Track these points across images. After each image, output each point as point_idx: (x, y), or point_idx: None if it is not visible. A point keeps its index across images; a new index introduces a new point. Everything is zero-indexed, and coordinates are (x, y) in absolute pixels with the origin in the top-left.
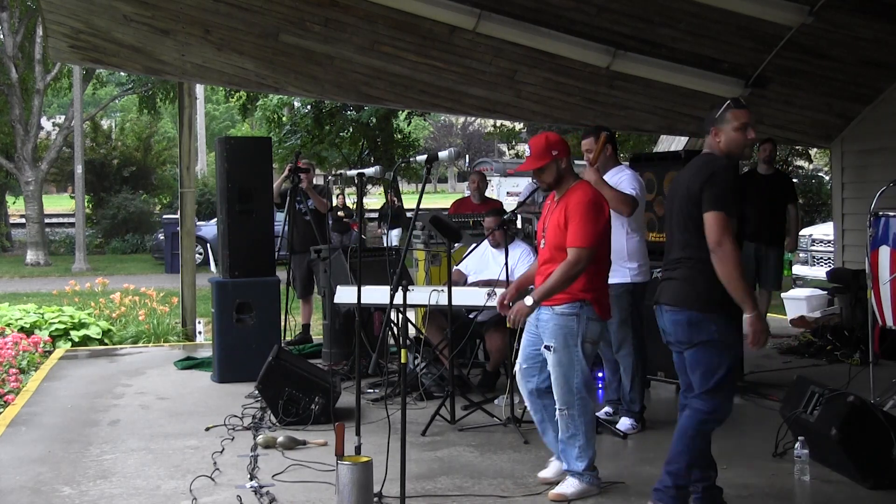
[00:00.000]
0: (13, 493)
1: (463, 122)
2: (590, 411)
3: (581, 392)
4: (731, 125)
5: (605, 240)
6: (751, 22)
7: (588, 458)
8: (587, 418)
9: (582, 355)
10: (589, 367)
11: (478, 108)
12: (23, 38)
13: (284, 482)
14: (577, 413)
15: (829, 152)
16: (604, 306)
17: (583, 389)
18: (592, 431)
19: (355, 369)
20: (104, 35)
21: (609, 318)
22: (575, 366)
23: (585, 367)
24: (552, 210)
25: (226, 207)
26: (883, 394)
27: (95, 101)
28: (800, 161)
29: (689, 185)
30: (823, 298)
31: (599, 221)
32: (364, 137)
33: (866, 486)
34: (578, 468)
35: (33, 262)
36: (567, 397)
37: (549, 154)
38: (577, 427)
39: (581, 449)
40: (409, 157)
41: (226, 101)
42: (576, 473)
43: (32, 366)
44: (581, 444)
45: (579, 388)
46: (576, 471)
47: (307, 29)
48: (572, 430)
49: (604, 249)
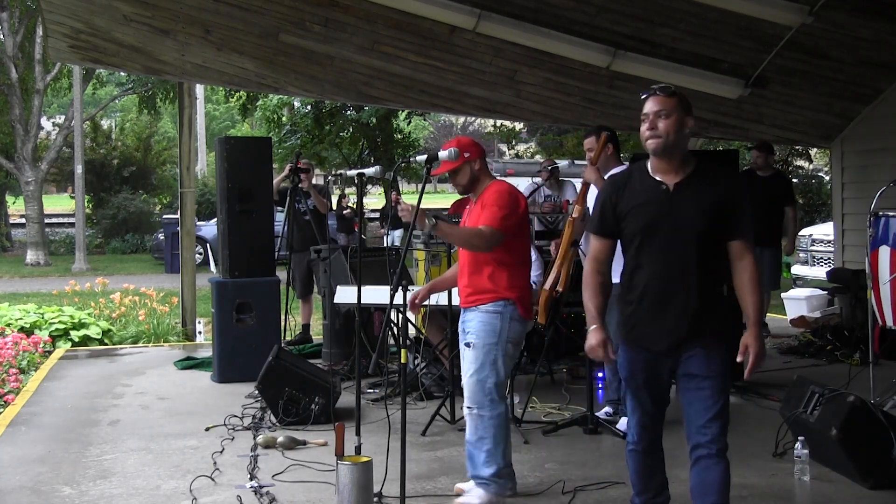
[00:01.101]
0: (13, 493)
1: (463, 122)
2: (500, 415)
3: (493, 394)
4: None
5: (519, 234)
6: (751, 22)
7: (497, 464)
8: (497, 422)
9: (501, 355)
10: (507, 371)
11: (478, 108)
12: (23, 38)
13: (284, 482)
14: (486, 414)
15: (829, 152)
16: (527, 307)
17: (495, 391)
18: (503, 437)
19: (355, 369)
20: (104, 35)
21: (532, 319)
22: (492, 365)
23: (502, 370)
24: (470, 212)
25: (226, 207)
26: (883, 394)
27: (95, 101)
28: (800, 161)
29: None
30: (823, 298)
31: (513, 213)
32: (364, 137)
33: (866, 486)
34: (484, 474)
35: (33, 262)
36: (478, 396)
37: (461, 156)
38: (485, 430)
39: (489, 454)
40: (409, 157)
41: (226, 101)
42: (482, 480)
43: (32, 366)
44: (489, 449)
45: (492, 390)
46: (481, 477)
47: (307, 29)
48: (480, 433)
49: (523, 249)
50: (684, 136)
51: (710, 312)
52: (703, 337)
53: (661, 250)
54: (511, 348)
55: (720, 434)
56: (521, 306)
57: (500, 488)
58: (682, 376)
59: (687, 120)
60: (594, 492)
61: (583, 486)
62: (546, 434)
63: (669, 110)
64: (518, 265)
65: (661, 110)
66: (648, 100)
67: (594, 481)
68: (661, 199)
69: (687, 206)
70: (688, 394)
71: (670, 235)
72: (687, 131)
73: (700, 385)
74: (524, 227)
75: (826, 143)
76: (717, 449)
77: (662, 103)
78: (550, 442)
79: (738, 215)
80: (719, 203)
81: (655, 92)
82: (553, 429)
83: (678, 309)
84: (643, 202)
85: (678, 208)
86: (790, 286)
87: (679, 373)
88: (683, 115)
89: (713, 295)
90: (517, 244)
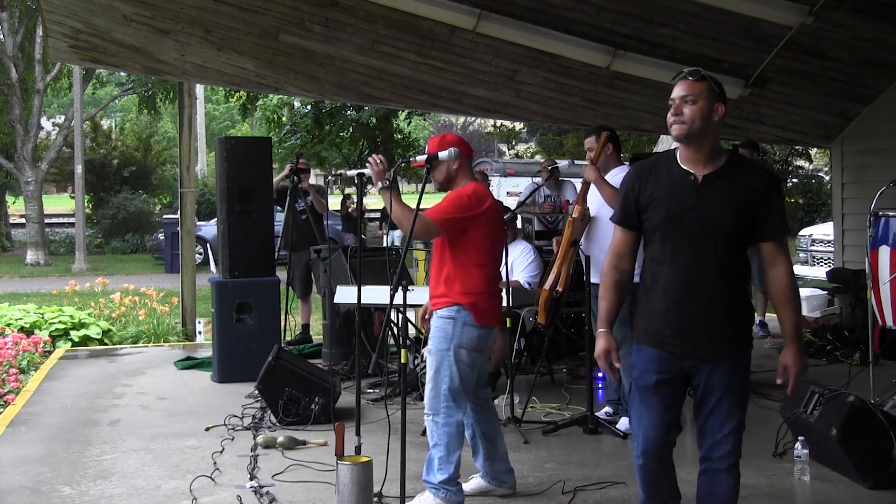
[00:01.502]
0: (13, 493)
1: (463, 122)
2: (454, 423)
3: (448, 400)
4: None
5: (476, 236)
6: (751, 22)
7: (448, 471)
8: (451, 429)
9: (454, 360)
10: (467, 377)
11: (478, 108)
12: (23, 38)
13: (284, 482)
14: (440, 421)
15: (829, 152)
16: (483, 312)
17: (449, 397)
18: (456, 444)
19: (355, 369)
20: (104, 35)
21: (495, 325)
22: (445, 371)
23: (456, 375)
24: None
25: (226, 207)
26: (883, 394)
27: (95, 101)
28: (800, 161)
29: None
30: (823, 298)
31: (461, 214)
32: (364, 137)
33: (866, 486)
34: (434, 480)
35: (33, 262)
36: (433, 403)
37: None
38: (439, 436)
39: (441, 460)
40: (409, 157)
41: (226, 101)
42: (432, 486)
43: (32, 366)
44: (441, 456)
45: (446, 396)
46: (431, 483)
47: (307, 29)
48: (435, 439)
49: (483, 252)
50: (713, 123)
51: (735, 319)
52: (727, 345)
53: (685, 246)
54: (466, 354)
55: (734, 449)
56: (475, 311)
57: (449, 495)
58: (699, 387)
59: (718, 107)
60: (594, 492)
61: (583, 486)
62: (546, 434)
63: (697, 95)
64: (476, 268)
65: (688, 95)
66: (676, 84)
67: (594, 481)
68: (687, 191)
69: (716, 200)
70: (705, 406)
71: (695, 230)
72: (717, 119)
73: (719, 398)
74: (483, 230)
75: (826, 143)
76: (729, 464)
77: (690, 88)
78: (550, 442)
79: (770, 214)
80: (750, 199)
81: (685, 76)
82: (553, 429)
83: (702, 311)
84: (668, 193)
85: (706, 202)
86: None
87: (695, 382)
88: (714, 101)
89: (739, 300)
90: (474, 245)
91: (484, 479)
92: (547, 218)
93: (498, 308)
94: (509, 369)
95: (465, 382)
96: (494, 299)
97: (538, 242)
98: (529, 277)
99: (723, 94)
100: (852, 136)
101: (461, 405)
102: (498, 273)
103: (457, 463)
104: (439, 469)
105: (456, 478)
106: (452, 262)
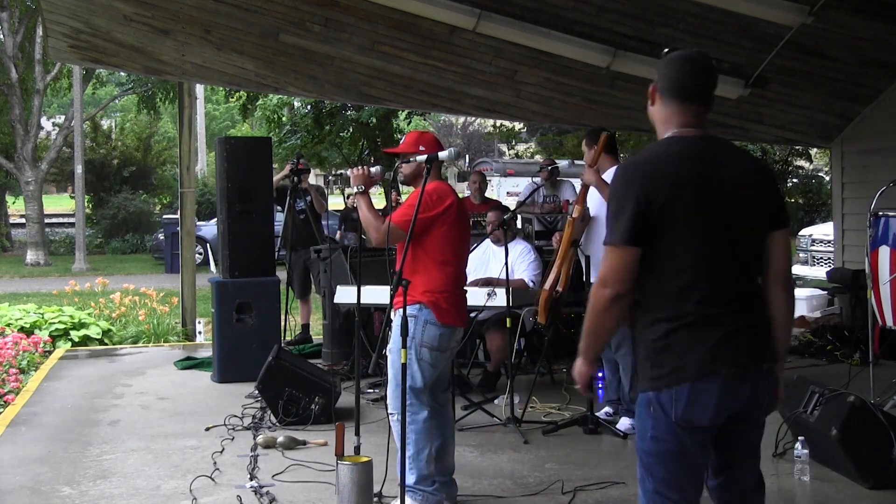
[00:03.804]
0: (13, 493)
1: (463, 122)
2: (419, 420)
3: (409, 398)
4: None
5: (439, 234)
6: (751, 22)
7: (419, 470)
8: (417, 427)
9: (415, 359)
10: (428, 376)
11: (478, 108)
12: (23, 38)
13: (284, 482)
14: (407, 420)
15: (829, 152)
16: (445, 311)
17: (411, 396)
18: (424, 441)
19: (355, 369)
20: (104, 35)
21: (458, 325)
22: (407, 370)
23: (418, 374)
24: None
25: (226, 207)
26: (883, 394)
27: (95, 101)
28: (800, 161)
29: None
30: (823, 298)
31: (422, 211)
32: (364, 137)
33: (866, 486)
34: (409, 482)
35: (33, 262)
36: (396, 402)
37: (414, 147)
38: (406, 436)
39: (410, 459)
40: (409, 157)
41: (226, 101)
42: (408, 488)
43: (32, 366)
44: (410, 455)
45: (408, 394)
46: (407, 485)
47: (307, 29)
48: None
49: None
50: None
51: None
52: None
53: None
54: (427, 353)
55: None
56: (436, 310)
57: (426, 496)
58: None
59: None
60: (594, 492)
61: (583, 486)
62: (546, 434)
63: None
64: (438, 266)
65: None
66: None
67: (594, 481)
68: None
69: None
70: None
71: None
72: None
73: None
74: (444, 228)
75: (826, 143)
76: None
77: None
78: (550, 442)
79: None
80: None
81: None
82: (553, 429)
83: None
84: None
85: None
86: None
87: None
88: None
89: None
90: (434, 244)
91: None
92: (547, 218)
93: (462, 307)
94: (509, 369)
95: (428, 381)
96: (457, 298)
97: (538, 242)
98: (532, 276)
99: None
100: (852, 136)
101: (424, 402)
102: (463, 272)
103: (426, 460)
104: (410, 470)
105: (430, 475)
106: (414, 260)
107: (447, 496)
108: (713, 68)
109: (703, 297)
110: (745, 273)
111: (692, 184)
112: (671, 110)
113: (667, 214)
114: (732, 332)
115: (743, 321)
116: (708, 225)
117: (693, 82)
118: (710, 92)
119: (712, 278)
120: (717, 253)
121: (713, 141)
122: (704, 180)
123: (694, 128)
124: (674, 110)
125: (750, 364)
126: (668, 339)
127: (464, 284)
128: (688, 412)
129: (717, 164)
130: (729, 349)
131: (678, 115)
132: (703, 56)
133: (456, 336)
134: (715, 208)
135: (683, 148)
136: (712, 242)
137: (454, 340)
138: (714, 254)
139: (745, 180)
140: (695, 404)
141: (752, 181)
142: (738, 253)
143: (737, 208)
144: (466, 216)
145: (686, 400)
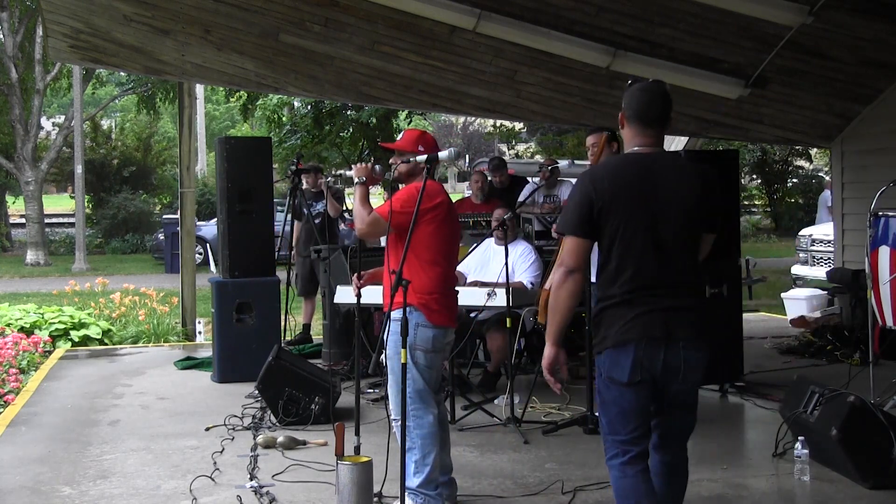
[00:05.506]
0: (13, 493)
1: (463, 122)
2: (425, 424)
3: (413, 402)
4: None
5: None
6: (751, 22)
7: (424, 474)
8: (422, 431)
9: (411, 363)
10: (429, 378)
11: (478, 108)
12: (23, 38)
13: (284, 482)
14: (412, 424)
15: (829, 152)
16: (435, 312)
17: (415, 399)
18: (430, 445)
19: (355, 369)
20: (104, 35)
21: (449, 325)
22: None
23: (417, 376)
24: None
25: (226, 207)
26: (883, 394)
27: (95, 101)
28: (800, 161)
29: (699, 193)
30: (823, 298)
31: (409, 206)
32: (364, 137)
33: (866, 486)
34: (412, 485)
35: (33, 262)
36: (399, 408)
37: (413, 146)
38: (412, 440)
39: (416, 464)
40: (408, 157)
41: (226, 101)
42: (410, 491)
43: (32, 366)
44: (416, 459)
45: (412, 398)
46: (409, 488)
47: (307, 29)
48: (409, 443)
49: (436, 249)
50: None
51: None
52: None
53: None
54: (421, 356)
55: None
56: (427, 311)
57: (427, 500)
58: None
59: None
60: (594, 492)
61: (583, 486)
62: (546, 434)
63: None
64: (428, 266)
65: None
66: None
67: (594, 481)
68: None
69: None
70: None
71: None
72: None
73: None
74: (432, 227)
75: (826, 143)
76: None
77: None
78: (550, 442)
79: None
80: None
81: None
82: (553, 429)
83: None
84: None
85: None
86: (790, 286)
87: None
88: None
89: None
90: (423, 243)
91: None
92: (547, 218)
93: (453, 308)
94: (509, 369)
95: (428, 382)
96: (448, 299)
97: (538, 242)
98: (532, 278)
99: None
100: (852, 136)
101: (429, 404)
102: (453, 272)
103: (433, 464)
104: (415, 472)
105: (434, 480)
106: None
107: (447, 496)
108: (668, 96)
109: (627, 282)
110: (670, 266)
111: (630, 190)
112: (634, 132)
113: (603, 213)
114: (646, 312)
115: (661, 304)
116: (638, 225)
117: (651, 110)
118: (667, 115)
119: (637, 269)
120: (644, 248)
121: (663, 156)
122: (642, 188)
123: (651, 147)
124: (636, 132)
125: (661, 338)
126: (601, 315)
127: (454, 285)
128: (611, 371)
129: (658, 175)
130: (639, 325)
131: (639, 137)
132: (659, 86)
133: (448, 336)
134: (645, 211)
135: (634, 161)
136: (640, 239)
137: (446, 341)
138: (641, 249)
139: (682, 191)
140: (614, 366)
141: (688, 192)
142: (666, 250)
143: (667, 213)
144: (456, 217)
145: (609, 362)
